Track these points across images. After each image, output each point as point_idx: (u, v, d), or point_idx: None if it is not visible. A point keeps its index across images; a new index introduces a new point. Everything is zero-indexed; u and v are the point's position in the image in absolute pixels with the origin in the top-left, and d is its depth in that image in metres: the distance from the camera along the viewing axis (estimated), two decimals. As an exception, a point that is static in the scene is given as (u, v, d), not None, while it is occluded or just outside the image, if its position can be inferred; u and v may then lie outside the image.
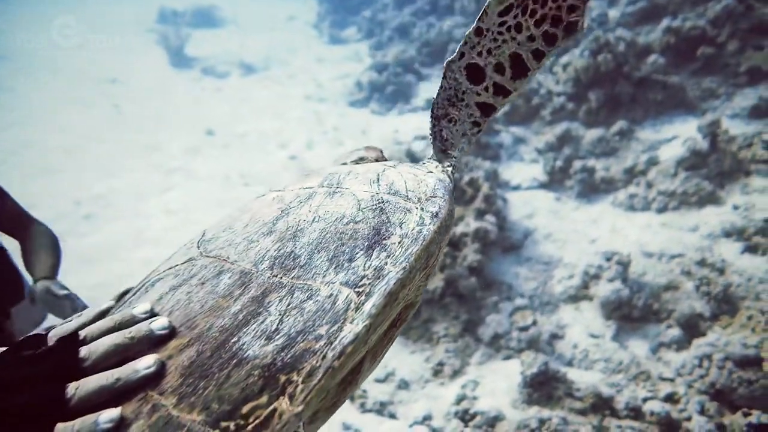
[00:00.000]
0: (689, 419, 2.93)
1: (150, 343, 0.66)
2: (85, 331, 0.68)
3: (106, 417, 0.56)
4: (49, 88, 11.00)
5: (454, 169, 1.09)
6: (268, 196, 0.98)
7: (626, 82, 5.94)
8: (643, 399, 3.13)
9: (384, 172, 1.00)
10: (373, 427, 3.38)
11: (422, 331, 4.03)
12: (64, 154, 8.25)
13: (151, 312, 0.71)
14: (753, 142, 4.75)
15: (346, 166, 1.10)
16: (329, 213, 0.87)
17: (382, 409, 3.50)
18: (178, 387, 0.61)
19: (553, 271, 4.42)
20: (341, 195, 0.93)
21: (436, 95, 1.07)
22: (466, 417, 3.27)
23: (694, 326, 3.60)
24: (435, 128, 1.11)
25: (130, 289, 0.83)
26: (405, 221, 0.86)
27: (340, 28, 14.38)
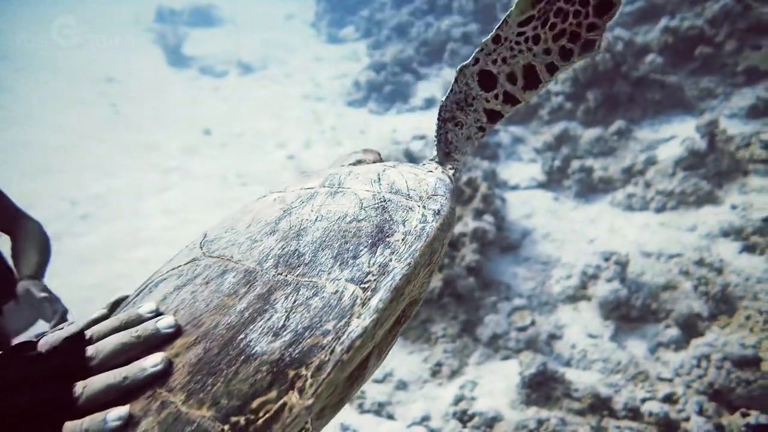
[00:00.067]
0: (688, 420, 2.93)
1: (156, 341, 0.66)
2: (91, 331, 0.68)
3: (114, 415, 0.56)
4: (46, 87, 10.96)
5: (456, 172, 1.10)
6: (269, 198, 0.98)
7: (624, 81, 5.93)
8: (642, 399, 3.13)
9: (384, 172, 1.01)
10: (372, 428, 3.37)
11: (420, 331, 4.02)
12: (60, 154, 8.22)
13: (157, 311, 0.71)
14: (751, 141, 4.75)
15: (346, 167, 1.09)
16: (332, 212, 0.87)
17: (380, 409, 3.49)
18: (187, 384, 0.61)
19: (551, 271, 4.42)
20: (343, 194, 0.93)
21: (445, 98, 1.07)
22: (464, 418, 3.26)
23: (693, 326, 3.60)
24: (441, 130, 1.11)
25: (125, 297, 0.83)
26: (407, 219, 0.86)
27: (338, 27, 14.36)
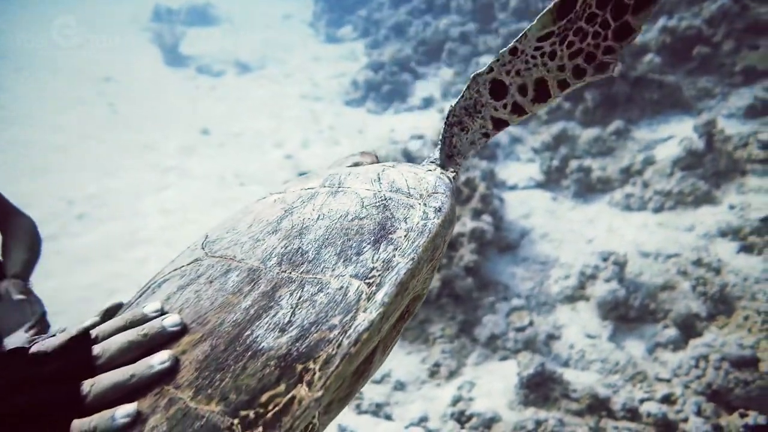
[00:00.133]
0: (686, 420, 2.92)
1: (163, 339, 0.66)
2: (97, 330, 0.69)
3: (122, 412, 0.57)
4: (43, 87, 10.91)
5: (456, 175, 1.12)
6: (269, 198, 0.99)
7: (623, 81, 5.93)
8: (640, 400, 3.13)
9: (384, 172, 1.02)
10: (369, 429, 3.36)
11: (418, 331, 4.01)
12: (57, 153, 8.18)
13: (162, 310, 0.72)
14: (748, 141, 4.75)
15: (345, 168, 1.11)
16: (333, 211, 0.88)
17: (378, 410, 3.48)
18: (194, 380, 0.61)
19: (549, 271, 4.41)
20: (344, 194, 0.94)
21: (455, 103, 1.09)
22: (462, 418, 3.25)
23: (691, 326, 3.60)
24: (446, 134, 1.13)
25: (118, 304, 0.83)
26: (409, 216, 0.87)
27: (336, 26, 14.33)
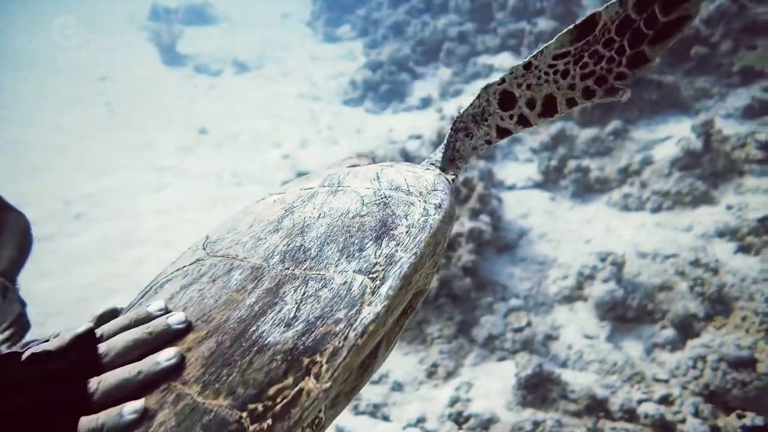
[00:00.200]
0: (684, 421, 2.92)
1: (168, 337, 0.67)
2: (102, 329, 0.69)
3: (130, 408, 0.57)
4: (40, 86, 10.86)
5: (455, 178, 1.15)
6: (268, 199, 1.01)
7: (620, 81, 5.92)
8: (638, 401, 3.12)
9: (383, 171, 1.03)
10: (367, 430, 3.35)
11: (416, 332, 4.00)
12: (53, 153, 8.15)
13: (166, 309, 0.72)
14: (746, 142, 4.75)
15: (344, 167, 1.12)
16: (334, 209, 0.89)
17: (375, 411, 3.47)
18: (201, 376, 0.62)
19: (547, 271, 4.41)
20: (344, 193, 0.95)
21: (463, 110, 1.12)
22: (459, 419, 3.25)
23: (689, 327, 3.60)
24: (451, 139, 1.15)
25: (113, 309, 0.82)
26: (409, 213, 0.88)
27: (335, 26, 14.31)
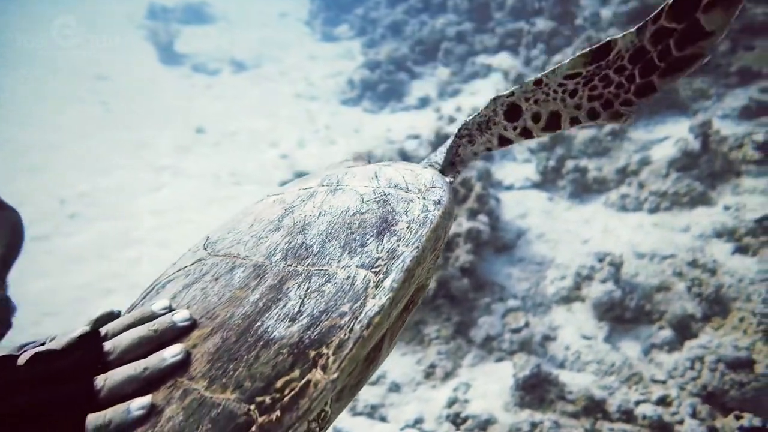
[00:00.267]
0: (681, 422, 2.92)
1: (173, 334, 0.67)
2: (106, 328, 0.69)
3: (137, 404, 0.58)
4: (37, 85, 10.81)
5: (454, 180, 1.18)
6: (267, 200, 1.02)
7: (618, 81, 5.92)
8: (636, 402, 3.12)
9: (381, 170, 1.05)
10: (364, 431, 3.34)
11: (414, 332, 3.99)
12: (49, 152, 8.11)
13: (170, 308, 0.72)
14: (743, 142, 4.76)
15: (342, 168, 1.13)
16: (334, 207, 0.90)
17: (372, 412, 3.46)
18: (208, 371, 0.62)
19: (545, 271, 4.40)
20: (343, 191, 0.96)
21: (470, 118, 1.15)
22: (457, 420, 3.24)
23: (686, 327, 3.59)
24: (454, 144, 1.19)
25: (109, 312, 0.82)
26: (409, 209, 0.89)
27: (333, 25, 14.29)
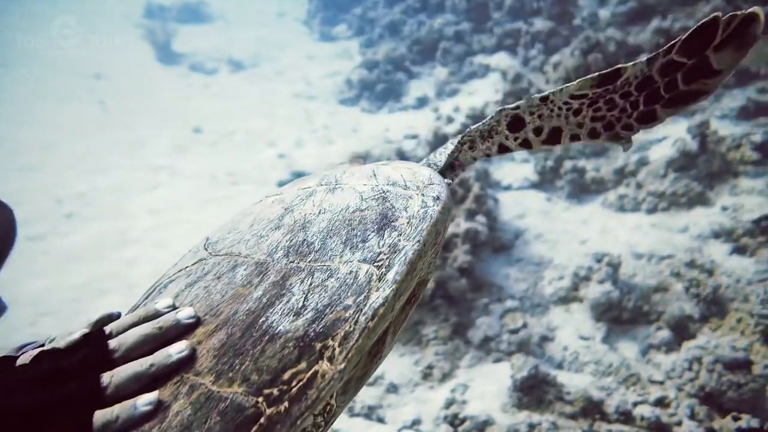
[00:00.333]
0: (680, 423, 2.91)
1: (177, 332, 0.67)
2: (111, 326, 0.69)
3: (144, 400, 0.58)
4: (33, 83, 10.76)
5: (452, 182, 1.20)
6: (266, 200, 1.03)
7: (616, 82, 5.92)
8: (634, 403, 3.11)
9: (379, 169, 1.06)
10: (362, 432, 3.33)
11: (411, 333, 3.98)
12: (45, 151, 8.07)
13: (173, 306, 0.73)
14: (741, 143, 4.76)
15: (340, 167, 1.15)
16: (334, 205, 0.90)
17: (370, 413, 3.44)
18: (214, 366, 0.63)
19: (543, 272, 4.40)
20: (342, 190, 0.96)
21: (474, 127, 1.19)
22: (455, 421, 3.23)
23: (684, 328, 3.59)
24: (455, 150, 1.22)
25: (108, 314, 0.81)
26: (409, 206, 0.90)
27: (331, 25, 14.26)
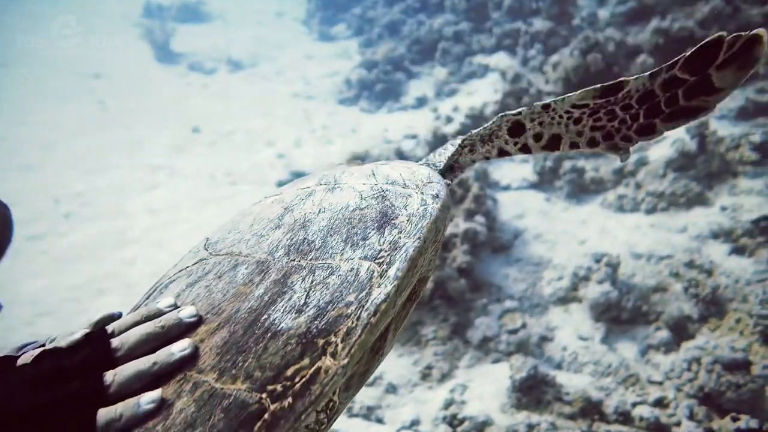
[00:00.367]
0: (678, 424, 2.91)
1: (179, 330, 0.67)
2: (113, 326, 0.69)
3: (147, 398, 0.58)
4: (32, 83, 10.73)
5: (451, 183, 1.21)
6: (266, 201, 1.03)
7: (615, 82, 5.91)
8: (632, 404, 3.11)
9: (378, 168, 1.06)
10: (360, 433, 3.32)
11: (410, 333, 3.97)
12: (43, 151, 8.04)
13: (175, 305, 0.73)
14: (740, 143, 4.76)
15: (339, 168, 1.15)
16: (333, 204, 0.91)
17: (369, 413, 3.43)
18: (217, 364, 0.63)
19: (542, 272, 4.39)
20: (341, 189, 0.97)
21: (475, 132, 1.21)
22: (454, 422, 3.22)
23: (683, 328, 3.59)
24: (456, 153, 1.25)
25: (109, 315, 0.82)
26: (408, 204, 0.90)
27: (330, 24, 14.24)
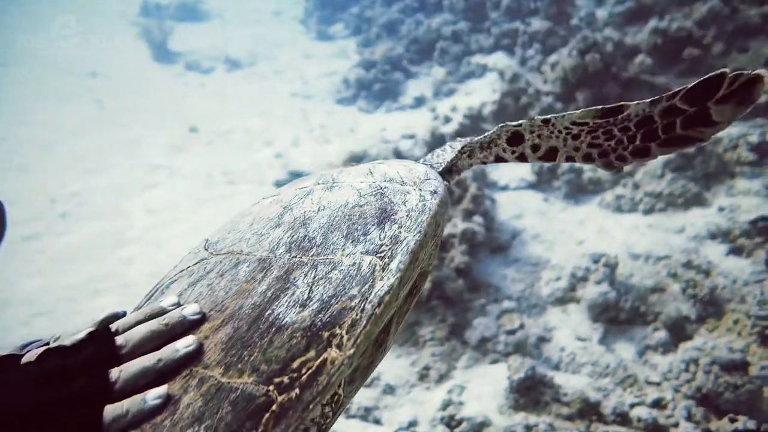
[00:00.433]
0: (676, 425, 2.90)
1: (183, 328, 0.68)
2: (117, 324, 0.70)
3: (153, 394, 0.59)
4: (30, 82, 10.68)
5: (449, 185, 1.23)
6: (265, 201, 1.04)
7: (614, 82, 5.92)
8: (630, 404, 3.10)
9: (376, 167, 1.07)
10: (358, 434, 3.31)
11: (408, 334, 3.96)
12: (40, 150, 8.01)
13: (178, 304, 0.73)
14: (738, 144, 4.76)
15: (337, 168, 1.18)
16: (332, 202, 0.91)
17: (366, 414, 3.42)
18: (222, 359, 0.63)
19: (540, 272, 4.39)
20: (339, 188, 0.98)
21: (476, 138, 1.24)
22: (452, 423, 3.21)
23: (681, 329, 3.59)
24: (455, 157, 1.28)
25: (113, 314, 0.81)
26: (407, 200, 0.91)
27: (328, 24, 14.21)
